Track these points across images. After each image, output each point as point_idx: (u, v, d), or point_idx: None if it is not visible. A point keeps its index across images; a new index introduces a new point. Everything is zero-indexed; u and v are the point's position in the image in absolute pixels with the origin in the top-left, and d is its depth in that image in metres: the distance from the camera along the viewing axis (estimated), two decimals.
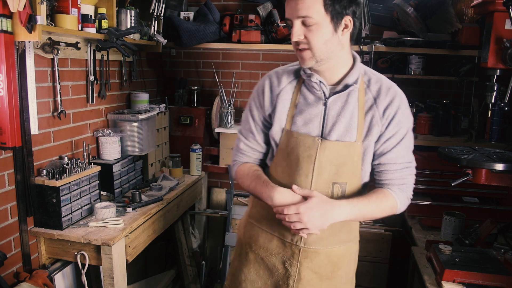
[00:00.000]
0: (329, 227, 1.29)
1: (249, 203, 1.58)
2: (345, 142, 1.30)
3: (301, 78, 1.36)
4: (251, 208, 1.55)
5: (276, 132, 1.37)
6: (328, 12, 1.19)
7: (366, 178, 1.39)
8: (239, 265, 1.54)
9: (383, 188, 1.36)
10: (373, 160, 1.36)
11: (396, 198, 1.34)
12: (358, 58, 1.33)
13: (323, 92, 1.31)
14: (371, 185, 1.43)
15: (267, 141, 1.44)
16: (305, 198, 1.28)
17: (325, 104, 1.31)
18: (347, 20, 1.23)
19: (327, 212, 1.26)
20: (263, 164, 1.49)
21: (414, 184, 1.40)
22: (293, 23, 1.23)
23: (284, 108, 1.36)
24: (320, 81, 1.30)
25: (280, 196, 1.29)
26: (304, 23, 1.21)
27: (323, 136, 1.31)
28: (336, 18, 1.20)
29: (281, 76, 1.39)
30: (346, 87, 1.30)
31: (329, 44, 1.23)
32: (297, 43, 1.24)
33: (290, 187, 1.31)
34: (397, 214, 1.39)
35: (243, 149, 1.46)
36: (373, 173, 1.40)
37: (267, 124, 1.41)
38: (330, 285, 1.43)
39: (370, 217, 1.34)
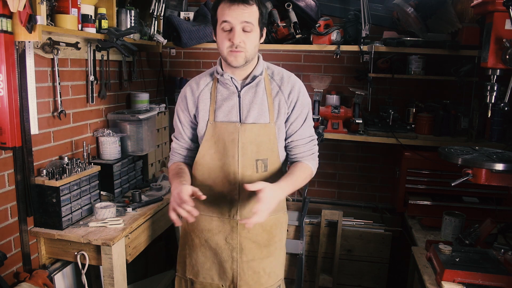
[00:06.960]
0: None
1: None
2: (260, 124, 1.55)
3: (215, 78, 1.59)
4: None
5: (201, 127, 1.60)
6: (260, 23, 1.48)
7: (283, 153, 1.64)
8: (189, 252, 1.70)
9: (299, 161, 1.63)
10: (286, 138, 1.63)
11: (311, 166, 1.63)
12: (261, 56, 1.61)
13: (235, 86, 1.55)
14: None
15: (194, 139, 1.67)
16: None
17: (239, 96, 1.56)
18: (264, 31, 1.55)
19: (278, 196, 1.43)
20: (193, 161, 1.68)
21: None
22: (234, 27, 1.43)
23: (205, 106, 1.59)
24: (231, 77, 1.54)
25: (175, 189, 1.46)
26: (244, 29, 1.44)
27: (241, 122, 1.55)
28: (261, 29, 1.51)
29: (199, 81, 1.62)
30: (254, 78, 1.55)
31: (256, 48, 1.51)
32: (235, 45, 1.44)
33: (221, 171, 1.58)
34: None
35: (175, 148, 1.69)
36: (287, 150, 1.65)
37: (193, 125, 1.65)
38: (268, 251, 1.66)
39: (299, 186, 1.58)
